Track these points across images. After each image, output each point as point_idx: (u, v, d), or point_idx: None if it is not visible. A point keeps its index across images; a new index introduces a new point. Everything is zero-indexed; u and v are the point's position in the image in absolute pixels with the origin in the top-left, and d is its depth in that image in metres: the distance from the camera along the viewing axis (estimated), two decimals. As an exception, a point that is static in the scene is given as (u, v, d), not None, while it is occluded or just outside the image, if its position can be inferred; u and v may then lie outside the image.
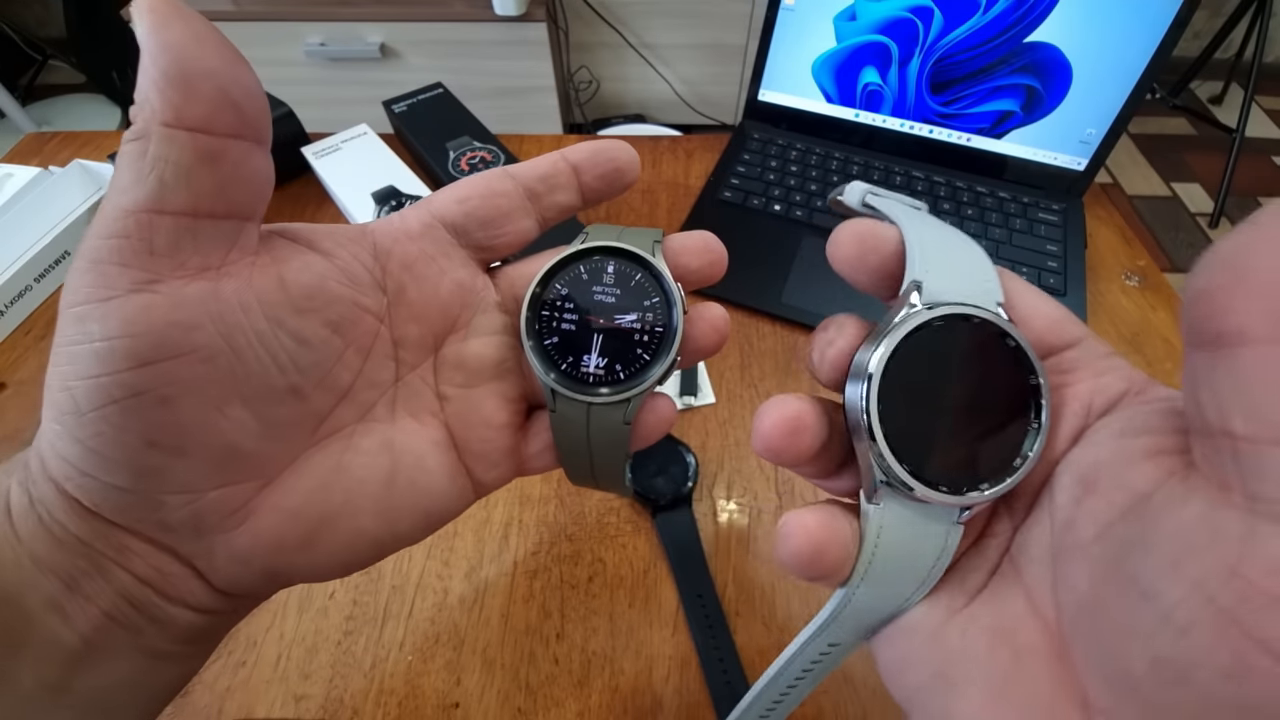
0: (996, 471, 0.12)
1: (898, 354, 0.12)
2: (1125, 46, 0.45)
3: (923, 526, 0.13)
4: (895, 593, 0.13)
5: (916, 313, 0.12)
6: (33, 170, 0.48)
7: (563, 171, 0.17)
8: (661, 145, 0.57)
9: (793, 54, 0.53)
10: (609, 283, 0.16)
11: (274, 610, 0.31)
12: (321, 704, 0.29)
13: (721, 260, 0.17)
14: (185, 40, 0.11)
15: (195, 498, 0.13)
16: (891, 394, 0.12)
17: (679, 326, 0.16)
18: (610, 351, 0.16)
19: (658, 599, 0.32)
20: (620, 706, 0.29)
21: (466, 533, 0.34)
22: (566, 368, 0.16)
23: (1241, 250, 0.09)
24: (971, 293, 0.13)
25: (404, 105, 0.54)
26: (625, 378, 0.16)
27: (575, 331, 0.16)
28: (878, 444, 0.12)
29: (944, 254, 0.13)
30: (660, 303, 0.16)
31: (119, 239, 0.12)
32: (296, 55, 1.16)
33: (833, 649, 0.14)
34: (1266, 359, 0.09)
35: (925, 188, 0.51)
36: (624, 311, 0.16)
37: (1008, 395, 0.13)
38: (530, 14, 1.11)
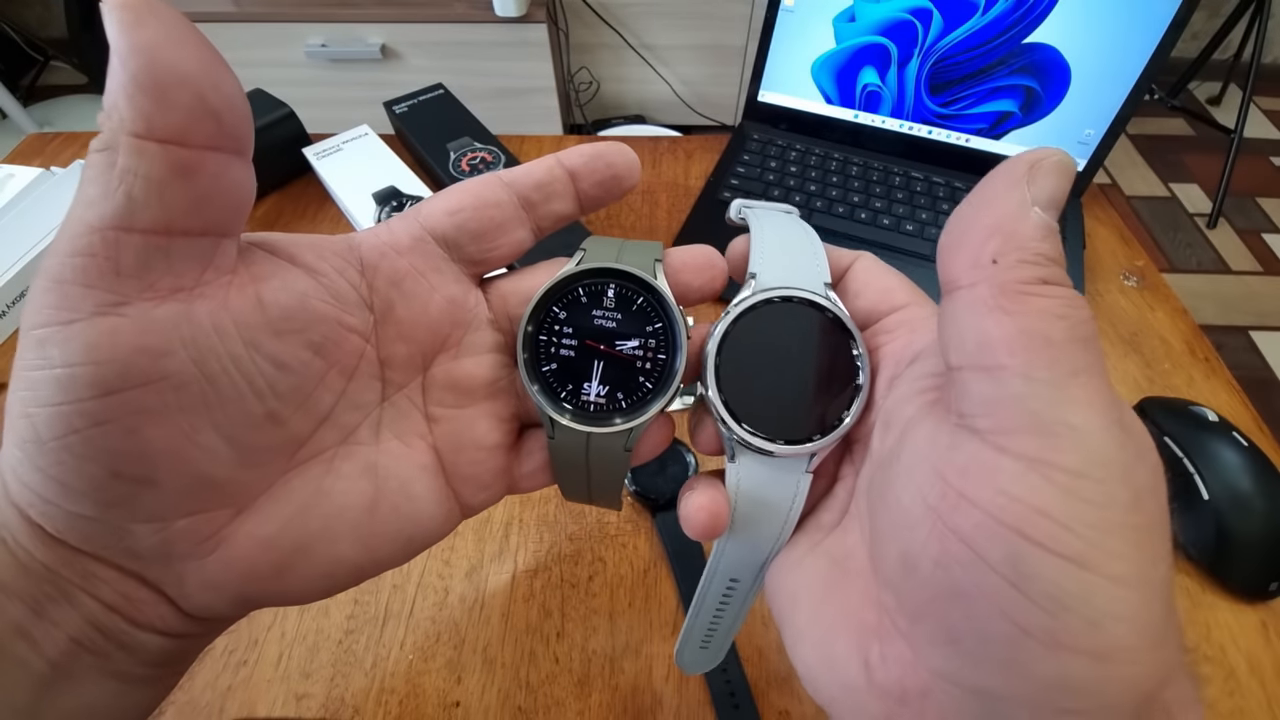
0: (829, 426, 0.15)
1: (730, 333, 0.15)
2: (1124, 47, 0.45)
3: (774, 476, 0.15)
4: (762, 533, 0.15)
5: (746, 298, 0.15)
6: (34, 171, 0.48)
7: (559, 179, 0.16)
8: (661, 146, 0.57)
9: (792, 55, 0.53)
10: (609, 306, 0.15)
11: (275, 610, 0.31)
12: (323, 703, 0.29)
13: (723, 275, 0.17)
14: (160, 41, 0.10)
15: (164, 526, 0.13)
16: (730, 367, 0.15)
17: (683, 353, 0.15)
18: (611, 379, 0.15)
19: (658, 598, 0.32)
20: (620, 705, 0.29)
21: (467, 532, 0.34)
22: (566, 396, 0.16)
23: (960, 216, 0.12)
24: (799, 278, 0.15)
25: (405, 106, 0.54)
26: (627, 407, 0.15)
27: (575, 358, 0.15)
28: (717, 409, 0.15)
29: (777, 248, 0.16)
30: (663, 328, 0.15)
31: (83, 257, 0.11)
32: (297, 56, 1.16)
33: (735, 584, 0.17)
34: (961, 300, 0.11)
35: (924, 188, 0.51)
36: (626, 338, 0.15)
37: (834, 360, 0.15)
38: (530, 15, 1.12)
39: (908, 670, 0.12)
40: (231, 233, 0.13)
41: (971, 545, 0.10)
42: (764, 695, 0.29)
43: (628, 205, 0.52)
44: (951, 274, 0.11)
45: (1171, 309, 0.45)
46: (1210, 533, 0.32)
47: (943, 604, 0.11)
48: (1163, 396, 0.39)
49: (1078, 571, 0.09)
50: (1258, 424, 0.38)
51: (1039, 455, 0.10)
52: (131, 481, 0.12)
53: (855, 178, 0.52)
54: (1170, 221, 1.47)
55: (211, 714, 0.28)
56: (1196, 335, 0.43)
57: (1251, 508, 0.31)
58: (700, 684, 0.30)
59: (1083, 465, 0.10)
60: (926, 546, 0.11)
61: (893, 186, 0.52)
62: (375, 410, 0.16)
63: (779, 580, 0.16)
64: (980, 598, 0.10)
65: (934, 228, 0.48)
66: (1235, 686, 0.29)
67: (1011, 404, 0.10)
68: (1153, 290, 0.47)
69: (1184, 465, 0.33)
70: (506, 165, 0.49)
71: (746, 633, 0.31)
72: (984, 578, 0.10)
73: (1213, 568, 0.32)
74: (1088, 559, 0.09)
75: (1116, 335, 0.44)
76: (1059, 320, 0.10)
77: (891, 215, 0.49)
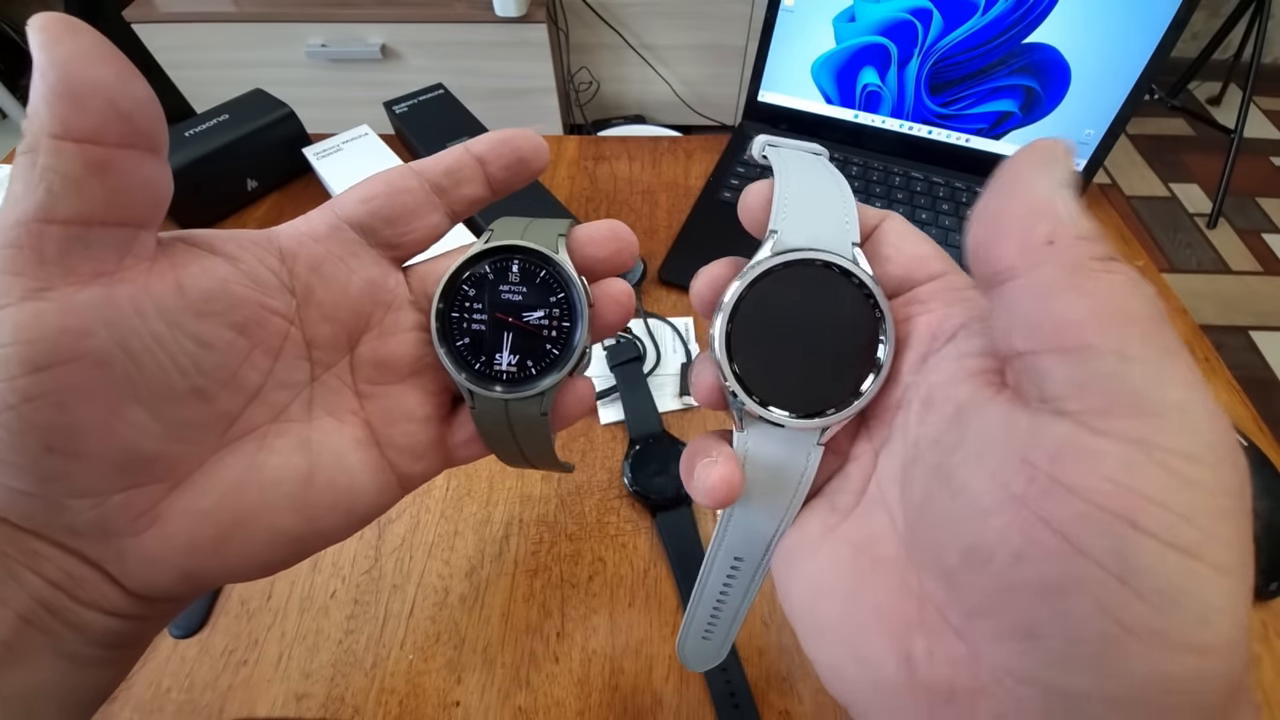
0: (845, 399, 0.14)
1: (744, 298, 0.14)
2: (1124, 47, 0.45)
3: (784, 448, 0.14)
4: (768, 508, 0.15)
5: (764, 259, 0.14)
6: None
7: (467, 164, 0.17)
8: (661, 146, 0.57)
9: (792, 55, 0.53)
10: (514, 281, 0.16)
11: (275, 609, 0.31)
12: (323, 702, 0.29)
13: (629, 247, 0.17)
14: (73, 55, 0.12)
15: (99, 501, 0.13)
16: (742, 333, 0.14)
17: (583, 319, 0.16)
18: (521, 349, 0.16)
19: (658, 598, 0.32)
20: (620, 705, 0.29)
21: (467, 532, 0.34)
22: (480, 367, 0.17)
23: (989, 206, 0.11)
24: (825, 238, 0.14)
25: (405, 106, 0.54)
26: (537, 373, 0.16)
27: (485, 331, 0.17)
28: (727, 378, 0.14)
29: (803, 204, 0.14)
30: (564, 298, 0.16)
31: (10, 249, 0.12)
32: (298, 56, 1.16)
33: (740, 564, 0.16)
34: (1025, 285, 0.11)
35: (924, 188, 0.51)
36: (531, 309, 0.16)
37: (856, 329, 0.14)
38: (530, 15, 1.12)
39: (960, 668, 0.11)
40: (148, 224, 0.14)
41: (1069, 536, 0.09)
42: (764, 695, 0.29)
43: (628, 205, 0.52)
44: (999, 263, 0.11)
45: (1171, 309, 0.45)
46: (1210, 532, 0.32)
47: (1022, 598, 0.10)
48: (1163, 396, 0.39)
49: (1190, 563, 0.09)
50: (1257, 424, 0.38)
51: (1145, 437, 0.09)
52: (64, 455, 0.13)
53: (855, 178, 0.52)
54: (1170, 221, 1.47)
55: (211, 714, 0.28)
56: (1196, 335, 0.43)
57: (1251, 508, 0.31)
58: (700, 684, 0.30)
59: (1193, 447, 0.09)
60: (1005, 537, 0.10)
61: (893, 186, 0.52)
62: (305, 389, 0.17)
63: (794, 566, 0.15)
64: (1075, 592, 0.09)
65: (934, 228, 0.48)
66: (1235, 686, 0.30)
67: (1106, 384, 0.09)
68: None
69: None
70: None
71: (747, 632, 0.31)
72: (1082, 571, 0.09)
73: (1213, 567, 0.32)
74: (1201, 549, 0.09)
75: (1116, 335, 0.44)
76: (1135, 296, 0.10)
77: (891, 215, 0.49)
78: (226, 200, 0.51)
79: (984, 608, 0.11)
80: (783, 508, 0.15)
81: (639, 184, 0.54)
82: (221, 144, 0.48)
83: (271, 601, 0.32)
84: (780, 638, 0.31)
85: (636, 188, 0.54)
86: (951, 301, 0.14)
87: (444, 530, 0.34)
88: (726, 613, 0.17)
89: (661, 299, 0.45)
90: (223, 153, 0.48)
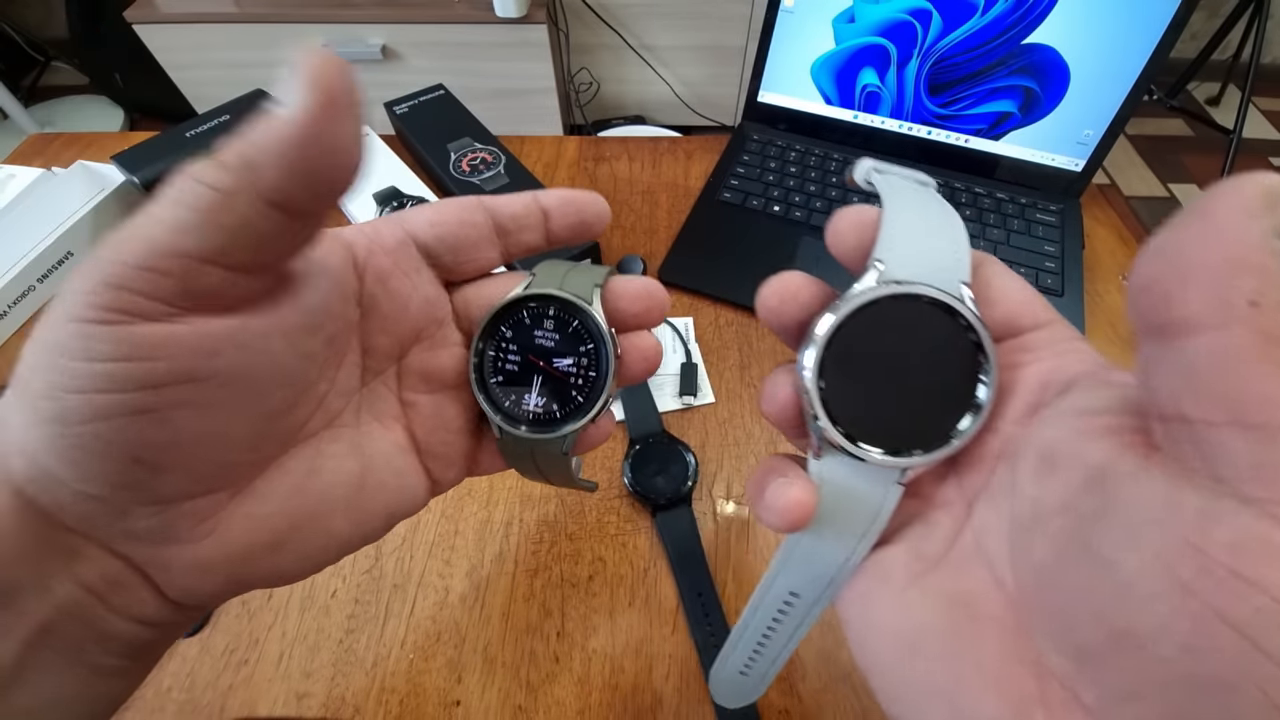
0: (935, 440, 0.13)
1: (844, 327, 0.13)
2: (1123, 48, 0.45)
3: (861, 483, 0.14)
4: (837, 542, 0.14)
5: (870, 289, 0.13)
6: (36, 171, 0.48)
7: (534, 214, 0.18)
8: (661, 146, 0.58)
9: (792, 56, 0.53)
10: (549, 328, 0.17)
11: (276, 609, 0.31)
12: (323, 702, 0.29)
13: (660, 307, 0.18)
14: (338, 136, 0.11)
15: (167, 508, 0.13)
16: (836, 362, 0.13)
17: (609, 371, 0.17)
18: (548, 392, 0.17)
19: (658, 598, 0.32)
20: (620, 705, 0.29)
21: (468, 531, 0.34)
22: (509, 405, 0.18)
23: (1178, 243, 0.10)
24: (932, 273, 0.13)
25: (405, 106, 0.55)
26: (561, 417, 0.17)
27: (518, 372, 0.17)
28: (814, 404, 0.13)
29: (912, 234, 0.14)
30: (594, 349, 0.17)
31: (157, 274, 0.11)
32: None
33: (795, 599, 0.15)
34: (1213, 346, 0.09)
35: (924, 189, 0.51)
36: (561, 355, 0.17)
37: (956, 371, 0.13)
38: (531, 16, 1.12)
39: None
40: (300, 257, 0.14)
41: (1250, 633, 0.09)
42: (764, 695, 0.29)
43: (629, 205, 0.52)
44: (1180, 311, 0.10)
45: (1170, 309, 0.45)
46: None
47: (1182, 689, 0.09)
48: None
49: None
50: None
51: None
52: (149, 467, 0.12)
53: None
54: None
55: (212, 713, 0.28)
56: (1195, 335, 0.43)
57: None
58: (700, 684, 0.30)
59: None
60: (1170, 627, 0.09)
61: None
62: (355, 395, 0.17)
63: (873, 614, 0.14)
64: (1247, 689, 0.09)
65: (933, 228, 0.49)
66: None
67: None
68: (1152, 290, 0.47)
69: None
70: (507, 165, 0.49)
71: (746, 632, 0.31)
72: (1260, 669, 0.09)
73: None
74: None
75: (1116, 335, 0.44)
76: None
77: (891, 215, 0.50)
78: (227, 201, 0.51)
79: (1133, 693, 0.10)
80: (852, 544, 0.14)
81: (639, 184, 0.54)
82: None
83: (272, 601, 0.32)
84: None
85: (636, 188, 0.54)
86: (1062, 352, 0.13)
87: (444, 530, 0.34)
88: (770, 650, 0.17)
89: (661, 299, 0.45)
90: (223, 153, 0.48)
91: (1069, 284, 0.45)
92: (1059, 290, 0.45)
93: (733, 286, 0.45)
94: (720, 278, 0.46)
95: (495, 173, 0.49)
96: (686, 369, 0.41)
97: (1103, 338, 0.43)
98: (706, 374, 0.41)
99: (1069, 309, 0.44)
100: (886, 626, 0.14)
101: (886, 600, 0.14)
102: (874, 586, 0.14)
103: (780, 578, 0.15)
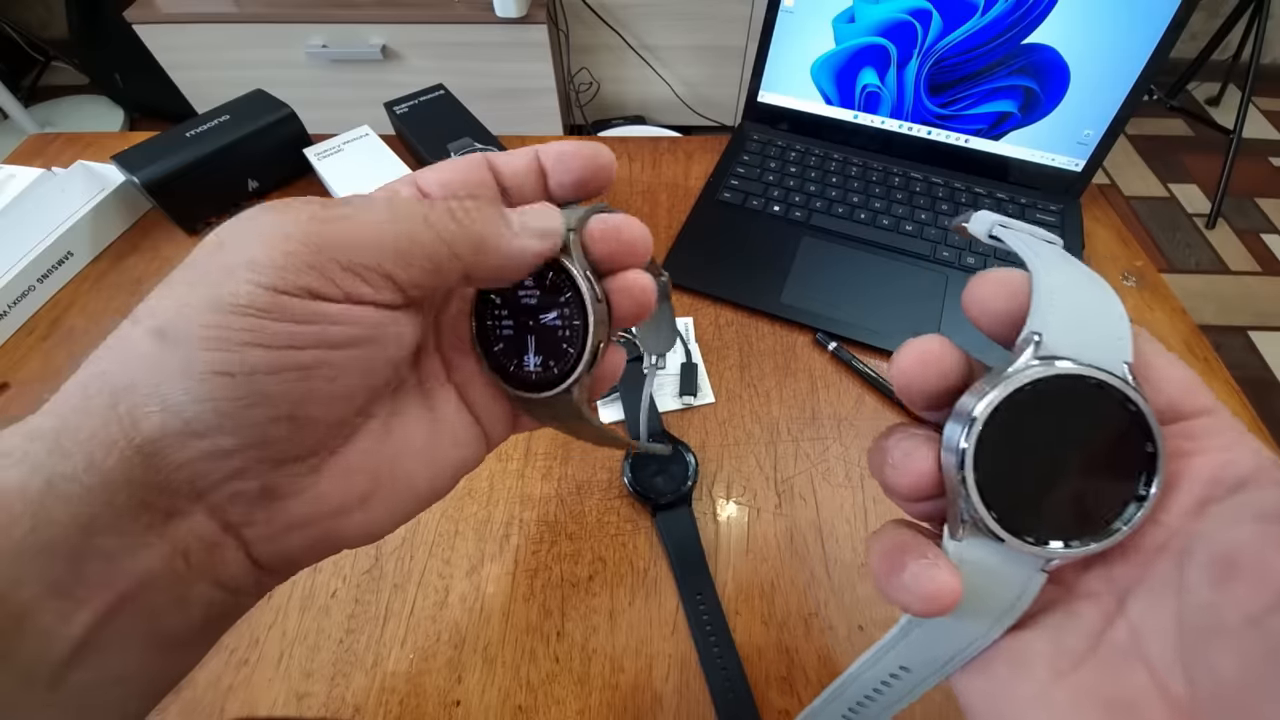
0: (1091, 531, 0.13)
1: (1004, 406, 0.12)
2: (1123, 48, 0.45)
3: (1002, 568, 0.13)
4: (967, 628, 0.13)
5: (1033, 368, 0.12)
6: (36, 171, 0.48)
7: (534, 170, 0.18)
8: (661, 146, 0.58)
9: (792, 56, 0.53)
10: (529, 284, 0.17)
11: (276, 608, 0.31)
12: (324, 702, 0.29)
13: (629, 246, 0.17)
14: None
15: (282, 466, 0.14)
16: (991, 442, 0.12)
17: (590, 317, 0.16)
18: (544, 349, 0.17)
19: (658, 598, 0.32)
20: (620, 704, 0.29)
21: (468, 531, 0.34)
22: (514, 369, 0.18)
23: None
24: (1096, 349, 0.12)
25: (405, 107, 0.55)
26: (559, 373, 0.17)
27: (514, 335, 0.17)
28: (968, 488, 0.12)
29: (1070, 304, 0.13)
30: (572, 296, 0.17)
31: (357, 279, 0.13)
32: (298, 57, 1.16)
33: (904, 673, 0.15)
34: None
35: (923, 188, 0.51)
36: (546, 310, 0.17)
37: (1118, 457, 0.13)
38: (531, 16, 1.12)
39: None
40: None
41: None
42: (764, 695, 0.29)
43: (628, 205, 0.52)
44: None
45: (1170, 309, 0.45)
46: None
47: None
48: (1162, 396, 0.39)
49: None
50: (1256, 424, 0.38)
51: None
52: (295, 423, 0.13)
53: (855, 178, 0.52)
54: (1169, 222, 1.47)
55: (212, 713, 0.28)
56: (1195, 335, 0.44)
57: None
58: (701, 684, 0.30)
59: None
60: None
61: (892, 187, 0.52)
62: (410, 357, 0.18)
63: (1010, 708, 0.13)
64: None
65: (933, 228, 0.49)
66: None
67: None
68: (1152, 290, 0.47)
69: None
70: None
71: (746, 632, 0.31)
72: None
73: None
74: None
75: (1115, 335, 0.44)
76: None
77: (891, 215, 0.50)
78: (228, 200, 0.51)
79: None
80: (983, 631, 0.13)
81: (639, 184, 0.54)
82: (223, 144, 0.48)
83: (273, 601, 0.32)
84: (780, 637, 0.31)
85: (636, 188, 0.54)
86: (1229, 444, 0.13)
87: (444, 530, 0.34)
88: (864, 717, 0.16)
89: (661, 299, 0.45)
90: (224, 153, 0.48)
91: (1069, 284, 0.45)
92: (1059, 290, 0.45)
93: (733, 286, 0.45)
94: (720, 278, 0.46)
95: (495, 173, 0.49)
96: (686, 369, 0.41)
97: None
98: (706, 374, 0.41)
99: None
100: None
101: (1026, 694, 0.13)
102: (1010, 675, 0.13)
103: (893, 653, 0.14)
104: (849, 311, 0.44)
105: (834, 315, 0.43)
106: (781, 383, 0.41)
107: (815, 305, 0.44)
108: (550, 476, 0.36)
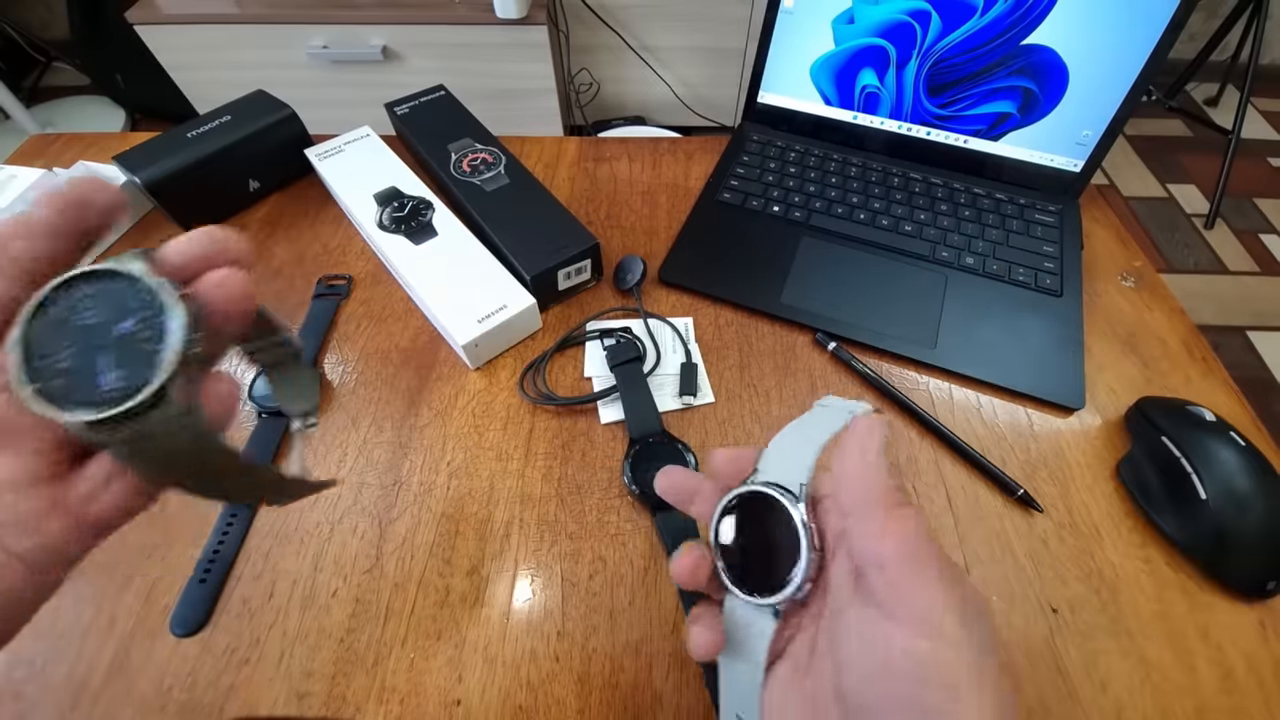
0: (779, 586, 0.19)
1: (724, 517, 0.21)
2: (1121, 49, 0.45)
3: (752, 615, 0.20)
4: (745, 659, 0.20)
5: (737, 490, 0.20)
6: (37, 171, 0.48)
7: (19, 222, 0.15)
8: (661, 147, 0.58)
9: (791, 57, 0.53)
10: (86, 306, 0.15)
11: (277, 608, 0.31)
12: (324, 701, 0.29)
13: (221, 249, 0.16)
14: None
15: None
16: (725, 537, 0.20)
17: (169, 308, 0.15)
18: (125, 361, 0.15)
19: (658, 597, 0.32)
20: (620, 704, 0.29)
21: (468, 531, 0.34)
22: (79, 396, 0.15)
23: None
24: (785, 475, 0.20)
25: (406, 107, 0.55)
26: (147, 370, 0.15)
27: (77, 364, 0.15)
28: (720, 570, 0.20)
29: (781, 448, 0.21)
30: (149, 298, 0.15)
31: None
32: (299, 58, 1.16)
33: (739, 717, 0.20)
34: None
35: (922, 189, 0.52)
36: (117, 320, 0.15)
37: (785, 541, 0.19)
38: (531, 17, 1.12)
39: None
40: None
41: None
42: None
43: (628, 206, 0.52)
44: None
45: (1169, 309, 0.45)
46: (1208, 532, 0.32)
47: None
48: (1160, 396, 0.39)
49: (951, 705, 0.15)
50: (1255, 424, 0.38)
51: None
52: None
53: (854, 179, 0.52)
54: (1168, 222, 1.47)
55: (213, 712, 0.29)
56: (1194, 335, 0.44)
57: (1249, 507, 0.31)
58: (700, 682, 0.30)
59: None
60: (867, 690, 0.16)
61: (891, 187, 0.52)
62: None
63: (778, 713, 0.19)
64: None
65: (932, 228, 0.49)
66: (1233, 685, 0.30)
67: None
68: (1150, 290, 0.47)
69: (1181, 465, 0.33)
70: (507, 166, 0.49)
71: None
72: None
73: (1210, 567, 0.32)
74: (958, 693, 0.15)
75: (1114, 335, 0.44)
76: None
77: (890, 216, 0.50)
78: (229, 201, 0.51)
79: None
80: (755, 658, 0.19)
81: (639, 185, 0.54)
82: (224, 145, 0.48)
83: (273, 600, 0.32)
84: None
85: (636, 188, 0.54)
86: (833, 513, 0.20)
87: (445, 529, 0.34)
88: None
89: (661, 299, 0.45)
90: (225, 154, 0.48)
91: (1068, 284, 0.46)
92: (1058, 290, 0.45)
93: (733, 287, 0.45)
94: (720, 278, 0.46)
95: (495, 173, 0.49)
96: (686, 369, 0.41)
97: (1102, 338, 0.43)
98: (706, 374, 0.41)
99: (1068, 309, 0.44)
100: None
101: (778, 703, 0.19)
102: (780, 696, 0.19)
103: (726, 707, 0.20)
104: (849, 311, 0.44)
105: (834, 315, 0.43)
106: (781, 383, 0.41)
107: (815, 305, 0.44)
108: (550, 476, 0.36)
